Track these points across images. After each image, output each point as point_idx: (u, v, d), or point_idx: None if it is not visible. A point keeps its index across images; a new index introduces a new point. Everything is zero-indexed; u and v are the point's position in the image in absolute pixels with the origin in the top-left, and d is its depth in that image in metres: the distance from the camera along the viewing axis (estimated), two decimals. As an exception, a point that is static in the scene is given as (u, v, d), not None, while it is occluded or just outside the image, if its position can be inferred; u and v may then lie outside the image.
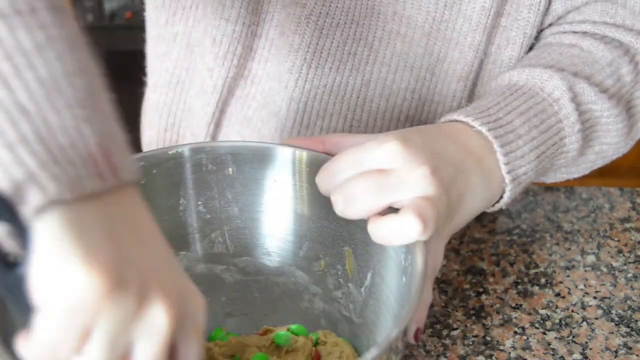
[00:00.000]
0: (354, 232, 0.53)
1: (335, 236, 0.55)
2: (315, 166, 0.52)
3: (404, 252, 0.47)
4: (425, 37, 0.66)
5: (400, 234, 0.45)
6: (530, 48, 0.68)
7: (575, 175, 0.66)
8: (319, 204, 0.53)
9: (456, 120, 0.54)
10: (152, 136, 0.76)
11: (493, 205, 0.56)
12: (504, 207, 0.56)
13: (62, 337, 0.34)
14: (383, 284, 0.52)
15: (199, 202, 0.56)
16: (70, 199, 0.33)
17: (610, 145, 0.63)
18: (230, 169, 0.56)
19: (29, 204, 0.32)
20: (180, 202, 0.56)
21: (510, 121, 0.54)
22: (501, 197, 0.55)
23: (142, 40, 0.77)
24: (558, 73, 0.58)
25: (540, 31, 0.68)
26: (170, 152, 0.55)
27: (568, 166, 0.63)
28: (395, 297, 0.49)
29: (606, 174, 2.43)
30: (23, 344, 0.35)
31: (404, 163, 0.47)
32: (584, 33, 0.64)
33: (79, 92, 0.35)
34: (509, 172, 0.53)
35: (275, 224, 0.57)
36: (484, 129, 0.52)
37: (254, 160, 0.56)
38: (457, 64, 0.67)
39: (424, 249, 0.46)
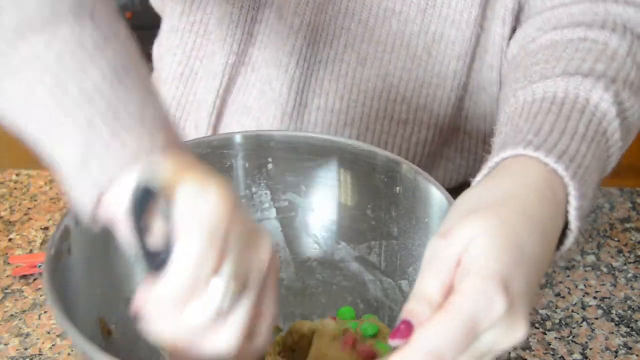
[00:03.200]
0: (391, 226, 0.54)
1: (374, 227, 0.56)
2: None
3: None
4: (421, 15, 0.65)
5: None
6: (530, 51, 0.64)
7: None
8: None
9: (522, 155, 0.45)
10: None
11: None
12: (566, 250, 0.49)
13: (205, 257, 0.37)
14: None
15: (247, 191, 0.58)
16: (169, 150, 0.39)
17: (629, 142, 0.57)
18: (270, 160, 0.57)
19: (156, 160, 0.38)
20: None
21: (577, 150, 0.46)
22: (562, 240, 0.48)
23: (142, 40, 0.77)
24: (600, 82, 0.51)
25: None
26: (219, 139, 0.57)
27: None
28: None
29: (606, 174, 2.40)
30: (151, 287, 0.38)
31: (507, 329, 0.38)
32: (587, 24, 0.59)
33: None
34: (577, 218, 0.44)
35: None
36: (560, 168, 0.44)
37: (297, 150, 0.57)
38: (454, 43, 0.66)
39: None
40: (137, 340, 0.48)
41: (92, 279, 0.50)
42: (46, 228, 0.74)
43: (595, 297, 0.66)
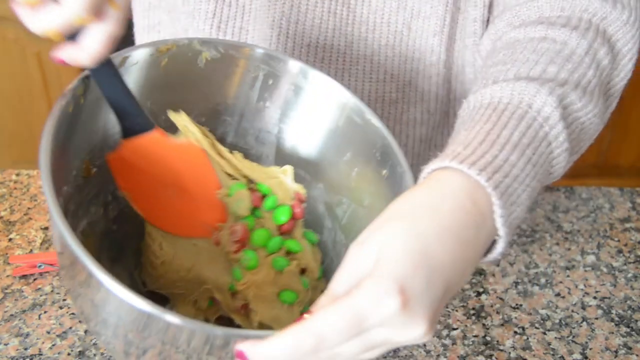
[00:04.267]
0: (364, 196, 0.56)
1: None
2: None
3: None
4: None
5: None
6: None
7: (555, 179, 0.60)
8: None
9: (447, 168, 0.46)
10: None
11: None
12: (499, 258, 0.49)
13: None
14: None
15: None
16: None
17: (588, 141, 0.58)
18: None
19: None
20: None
21: (506, 159, 0.47)
22: (491, 248, 0.48)
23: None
24: (545, 87, 0.52)
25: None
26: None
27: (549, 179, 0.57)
28: None
29: (606, 174, 2.44)
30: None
31: (403, 328, 0.40)
32: (550, 22, 0.59)
33: None
34: (504, 224, 0.45)
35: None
36: (482, 179, 0.44)
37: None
38: (429, 18, 0.68)
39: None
40: (110, 182, 0.55)
41: (92, 125, 0.53)
42: (46, 228, 0.74)
43: (595, 297, 0.66)
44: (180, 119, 0.57)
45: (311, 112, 0.60)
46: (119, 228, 0.57)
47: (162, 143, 0.56)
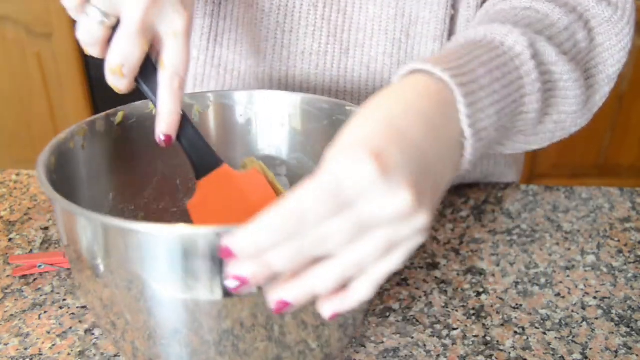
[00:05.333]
0: None
1: None
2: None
3: None
4: None
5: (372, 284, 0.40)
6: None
7: (534, 147, 0.61)
8: None
9: (416, 70, 0.46)
10: None
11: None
12: (467, 167, 0.48)
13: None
14: None
15: None
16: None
17: (568, 114, 0.58)
18: None
19: None
20: None
21: (473, 69, 0.47)
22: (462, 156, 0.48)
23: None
24: (518, 28, 0.53)
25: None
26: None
27: (527, 134, 0.58)
28: None
29: (606, 174, 2.44)
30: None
31: (385, 196, 0.37)
32: None
33: None
34: (470, 126, 0.45)
35: None
36: (446, 76, 0.45)
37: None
38: (429, 23, 0.68)
39: None
40: None
41: (102, 181, 0.55)
42: (46, 228, 0.74)
43: (595, 297, 0.66)
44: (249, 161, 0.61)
45: (301, 133, 0.62)
46: None
47: (232, 176, 0.57)
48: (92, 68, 1.97)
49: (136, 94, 0.55)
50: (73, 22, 1.85)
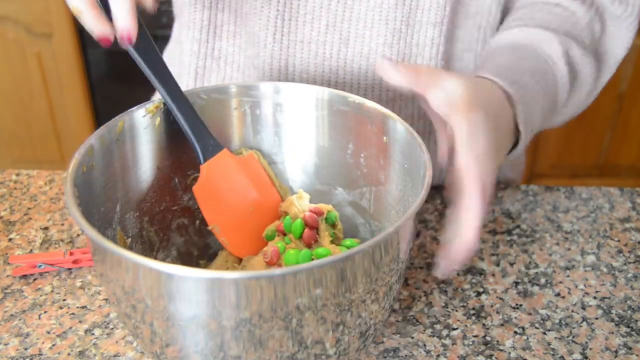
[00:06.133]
0: (380, 173, 0.59)
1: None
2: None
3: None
4: None
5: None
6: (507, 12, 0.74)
7: (556, 124, 0.72)
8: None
9: (484, 78, 0.59)
10: None
11: (508, 153, 0.62)
12: (519, 154, 0.62)
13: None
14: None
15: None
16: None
17: (583, 93, 0.70)
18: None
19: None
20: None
21: (527, 82, 0.60)
22: (514, 147, 0.62)
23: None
24: (555, 36, 0.65)
25: None
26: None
27: (553, 117, 0.69)
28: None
29: (606, 174, 2.44)
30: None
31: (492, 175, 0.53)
32: None
33: None
34: (522, 123, 0.59)
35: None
36: (511, 90, 0.58)
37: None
38: (429, 10, 0.68)
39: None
40: (152, 249, 0.59)
41: (110, 195, 0.55)
42: (46, 228, 0.74)
43: (595, 297, 0.66)
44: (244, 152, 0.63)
45: (298, 123, 0.61)
46: None
47: (232, 160, 0.60)
48: (92, 68, 1.97)
49: (136, 97, 0.55)
50: (73, 22, 1.85)
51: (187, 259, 0.63)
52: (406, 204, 0.55)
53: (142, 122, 0.57)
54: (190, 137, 0.57)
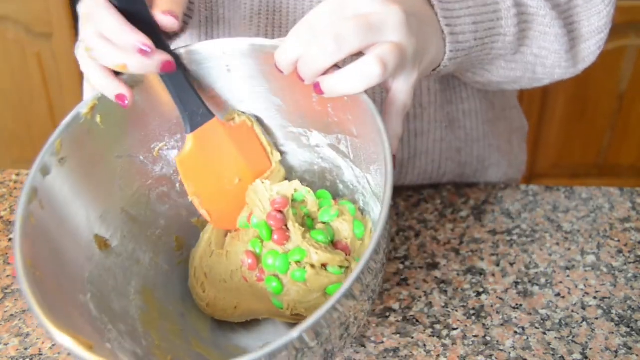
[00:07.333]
0: (351, 126, 0.56)
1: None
2: None
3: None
4: None
5: (362, 76, 0.49)
6: None
7: (518, 74, 0.67)
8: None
9: None
10: None
11: (439, 65, 0.58)
12: (448, 65, 0.58)
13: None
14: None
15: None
16: None
17: (549, 51, 0.64)
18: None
19: None
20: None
21: None
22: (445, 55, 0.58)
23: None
24: None
25: None
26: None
27: (507, 59, 0.64)
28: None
29: (606, 174, 2.44)
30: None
31: (383, 8, 0.49)
32: None
33: None
34: (447, 25, 0.56)
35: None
36: None
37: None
38: None
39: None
40: (138, 240, 0.58)
41: (83, 198, 0.54)
42: (46, 228, 0.74)
43: (595, 297, 0.66)
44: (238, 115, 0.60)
45: (253, 76, 0.58)
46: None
47: (221, 129, 0.58)
48: (92, 68, 1.96)
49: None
50: (73, 22, 1.85)
51: (177, 221, 0.62)
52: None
53: (82, 128, 0.55)
54: (178, 106, 0.55)
